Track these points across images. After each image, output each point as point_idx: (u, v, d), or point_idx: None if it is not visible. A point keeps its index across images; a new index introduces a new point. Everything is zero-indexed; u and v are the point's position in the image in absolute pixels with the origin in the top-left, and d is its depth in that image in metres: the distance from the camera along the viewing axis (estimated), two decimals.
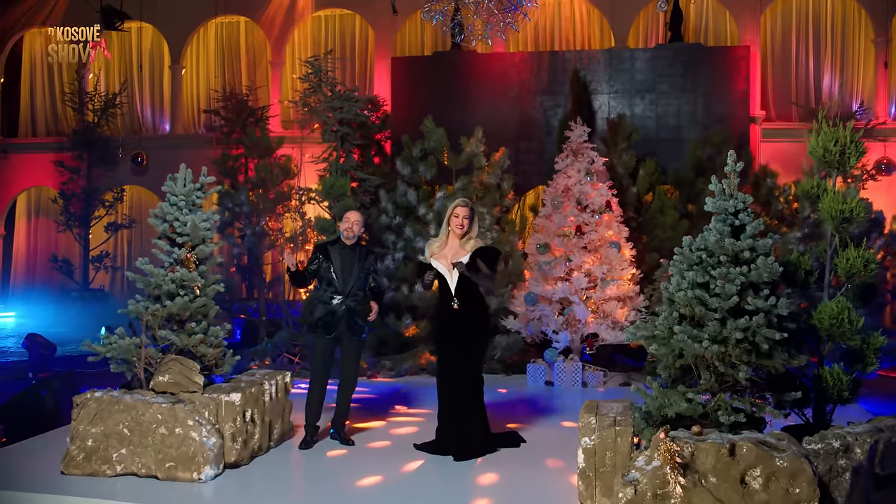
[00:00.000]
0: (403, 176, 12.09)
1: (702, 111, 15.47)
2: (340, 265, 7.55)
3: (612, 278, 11.01)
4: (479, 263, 7.31)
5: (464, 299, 7.28)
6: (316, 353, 7.62)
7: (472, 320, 7.32)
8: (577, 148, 11.46)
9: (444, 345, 7.48)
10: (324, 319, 7.53)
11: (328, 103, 12.87)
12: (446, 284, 7.35)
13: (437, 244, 7.49)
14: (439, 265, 7.37)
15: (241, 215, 12.67)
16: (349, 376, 7.69)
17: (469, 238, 7.35)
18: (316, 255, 7.62)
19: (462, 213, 7.31)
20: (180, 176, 7.44)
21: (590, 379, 10.95)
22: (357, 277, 7.58)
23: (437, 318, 7.57)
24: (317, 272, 7.58)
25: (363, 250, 7.69)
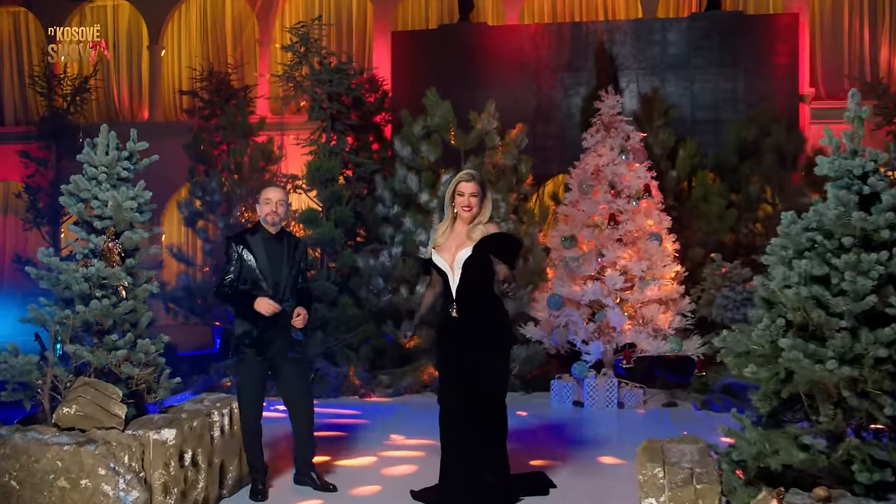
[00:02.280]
0: (403, 158, 10.28)
1: (743, 88, 13.59)
2: (267, 260, 5.77)
3: (652, 277, 9.16)
4: (493, 259, 5.53)
5: (467, 305, 5.49)
6: (243, 381, 5.83)
7: (478, 333, 5.51)
8: (610, 121, 9.63)
9: (441, 365, 5.70)
10: (251, 334, 5.71)
11: (316, 76, 11.08)
12: (447, 286, 5.58)
13: (440, 231, 5.70)
14: (440, 260, 5.58)
15: (214, 205, 10.88)
16: (301, 405, 5.93)
17: (478, 223, 5.54)
18: (232, 248, 5.80)
19: (468, 188, 5.52)
20: (101, 141, 5.64)
21: (627, 398, 9.11)
22: (288, 276, 5.83)
23: (436, 331, 5.83)
24: (238, 273, 5.77)
25: (291, 240, 5.97)
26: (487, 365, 5.50)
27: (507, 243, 5.58)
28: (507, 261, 5.47)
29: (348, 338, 9.92)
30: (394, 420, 8.41)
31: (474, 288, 5.52)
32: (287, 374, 5.81)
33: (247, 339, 5.67)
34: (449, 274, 5.53)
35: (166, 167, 14.95)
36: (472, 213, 5.53)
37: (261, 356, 5.66)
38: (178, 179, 13.69)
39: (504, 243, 5.56)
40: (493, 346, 5.57)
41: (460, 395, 5.50)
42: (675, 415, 8.74)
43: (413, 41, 14.74)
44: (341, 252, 10.17)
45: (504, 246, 5.54)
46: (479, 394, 5.46)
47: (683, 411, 8.92)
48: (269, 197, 5.79)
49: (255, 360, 5.67)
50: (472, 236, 5.51)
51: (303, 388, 5.89)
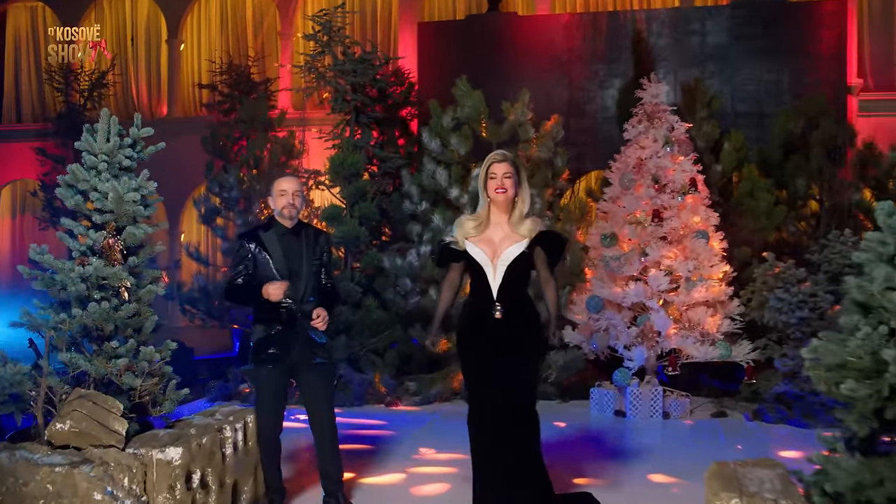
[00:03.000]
0: (431, 151, 9.68)
1: (787, 80, 12.90)
2: (284, 258, 5.18)
3: (699, 277, 8.52)
4: (536, 256, 4.98)
5: (510, 306, 4.91)
6: (261, 390, 5.24)
7: (520, 337, 4.95)
8: (653, 111, 9.00)
9: (478, 372, 5.07)
10: (269, 340, 5.14)
11: (340, 67, 10.52)
12: (484, 283, 4.97)
13: (472, 223, 5.10)
14: (478, 252, 4.98)
15: (232, 202, 10.35)
16: (323, 419, 5.30)
17: (523, 215, 4.97)
18: (243, 247, 5.22)
19: (500, 170, 4.94)
20: (101, 126, 5.09)
21: (672, 408, 8.49)
22: (309, 273, 5.22)
23: (466, 333, 5.11)
24: (250, 273, 5.20)
25: (311, 233, 5.36)
26: (526, 372, 4.97)
27: (554, 241, 5.03)
28: (552, 260, 4.98)
29: (373, 342, 9.35)
30: (423, 431, 7.82)
31: (517, 287, 4.96)
32: (308, 381, 5.24)
33: (264, 343, 5.11)
34: (488, 269, 4.95)
35: (185, 164, 14.63)
36: (508, 197, 4.96)
37: (279, 362, 5.09)
38: (197, 177, 13.18)
39: (551, 241, 5.01)
40: (533, 352, 5.03)
41: (498, 404, 4.93)
42: (726, 426, 8.11)
43: (440, 32, 14.17)
44: (366, 251, 9.60)
45: (551, 244, 5.00)
46: (517, 402, 4.90)
47: (734, 422, 8.28)
48: (285, 188, 5.22)
49: (273, 366, 5.10)
50: (521, 231, 4.95)
51: (324, 397, 5.31)
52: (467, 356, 5.13)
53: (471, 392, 5.15)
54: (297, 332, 5.11)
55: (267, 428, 5.20)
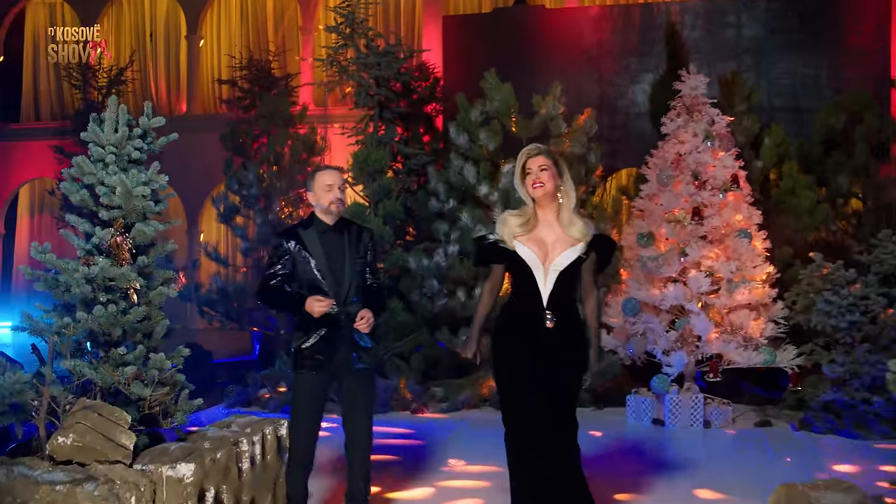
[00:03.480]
0: (459, 147, 9.28)
1: (826, 74, 12.40)
2: (326, 257, 4.79)
3: (742, 279, 8.08)
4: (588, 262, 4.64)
5: (562, 314, 4.53)
6: (300, 398, 4.82)
7: (570, 347, 4.56)
8: (693, 104, 8.55)
9: (519, 380, 4.64)
10: (312, 345, 4.75)
11: (363, 60, 10.14)
12: (532, 287, 4.55)
13: (519, 220, 4.67)
14: (528, 253, 4.58)
15: (252, 200, 9.99)
16: (360, 427, 4.87)
17: (572, 213, 4.56)
18: (282, 245, 4.83)
19: (535, 163, 4.52)
20: (109, 115, 4.73)
21: (713, 416, 8.06)
22: (353, 272, 4.83)
23: (507, 339, 4.68)
24: (288, 273, 4.81)
25: (353, 230, 4.95)
26: (570, 381, 4.59)
27: (607, 247, 4.67)
28: (600, 267, 4.64)
29: (398, 346, 8.96)
30: (451, 441, 7.42)
31: (568, 295, 4.58)
32: (349, 387, 4.85)
33: (306, 347, 4.74)
34: (538, 273, 4.55)
35: (205, 162, 14.30)
36: (546, 191, 4.53)
37: (322, 368, 4.72)
38: (216, 175, 12.85)
39: (605, 246, 4.65)
40: (580, 361, 4.65)
41: (539, 413, 4.54)
42: (771, 436, 7.66)
43: (466, 26, 13.75)
44: (391, 251, 9.20)
45: (604, 250, 4.64)
46: (559, 409, 4.51)
47: (779, 432, 7.83)
48: (331, 182, 4.82)
49: (315, 372, 4.73)
50: (574, 234, 4.55)
51: (364, 406, 4.90)
52: (506, 363, 4.72)
53: (509, 401, 4.74)
54: (341, 335, 4.74)
55: (303, 439, 4.80)
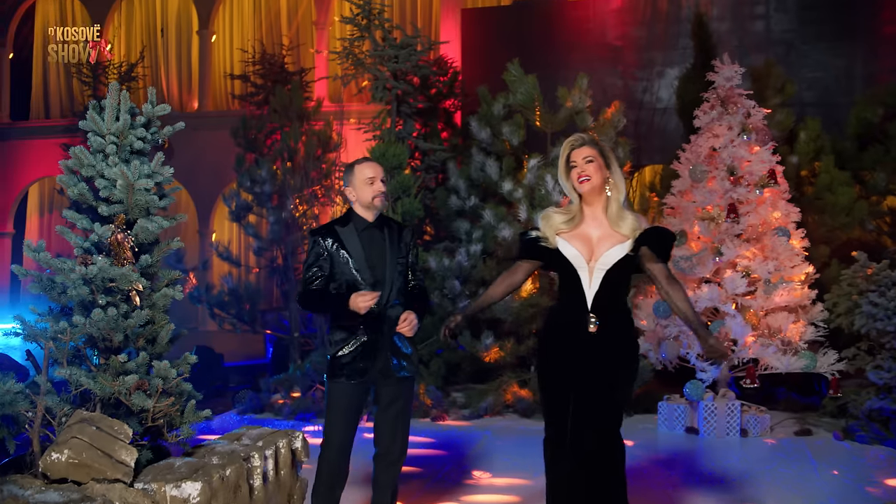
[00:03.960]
0: (481, 141, 8.88)
1: (860, 66, 11.97)
2: (365, 255, 4.43)
3: (780, 279, 7.65)
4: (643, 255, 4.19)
5: (608, 318, 4.15)
6: (335, 411, 4.43)
7: (617, 355, 4.19)
8: (728, 96, 8.13)
9: (561, 392, 4.25)
10: (351, 351, 4.39)
11: (380, 52, 9.76)
12: (577, 289, 4.19)
13: (563, 216, 4.29)
14: (572, 251, 4.20)
15: (264, 197, 9.60)
16: (397, 440, 4.51)
17: (621, 207, 4.18)
18: (318, 244, 4.48)
19: (580, 155, 4.16)
20: (109, 102, 4.36)
21: (751, 424, 7.63)
22: (394, 273, 4.46)
23: (550, 346, 4.31)
24: (326, 275, 4.47)
25: (394, 228, 4.58)
26: (617, 394, 4.20)
27: (662, 237, 4.22)
28: (662, 258, 4.15)
29: (418, 349, 8.54)
30: (475, 452, 7.01)
31: (616, 296, 4.18)
32: (389, 397, 4.46)
33: (344, 354, 4.38)
34: (582, 273, 4.16)
35: (216, 160, 13.92)
36: (593, 185, 4.15)
37: (361, 376, 4.36)
38: (228, 174, 12.49)
39: (659, 238, 4.20)
40: (627, 373, 4.25)
41: (582, 428, 4.16)
42: (813, 446, 7.23)
43: (484, 19, 13.39)
44: None
45: (659, 241, 4.18)
46: (604, 427, 4.14)
47: (821, 441, 7.40)
48: (373, 174, 4.46)
49: (354, 381, 4.36)
50: (622, 230, 4.15)
51: (403, 418, 4.52)
52: (549, 372, 4.33)
53: (550, 413, 4.35)
54: (383, 340, 4.38)
55: (336, 455, 4.42)
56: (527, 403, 8.10)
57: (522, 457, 6.70)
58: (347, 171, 4.54)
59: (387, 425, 4.46)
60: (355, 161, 4.61)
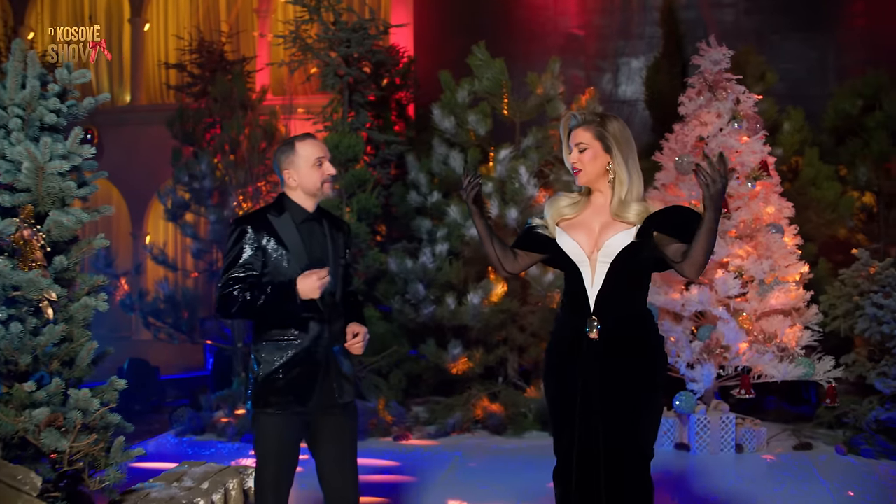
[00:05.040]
0: (444, 131, 8.09)
1: (833, 58, 11.47)
2: (305, 251, 3.67)
3: (775, 280, 7.02)
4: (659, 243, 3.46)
5: (614, 321, 3.44)
6: (268, 449, 3.62)
7: (629, 368, 3.47)
8: (716, 81, 7.47)
9: (567, 416, 3.52)
10: (285, 373, 3.59)
11: (331, 36, 8.93)
12: (579, 288, 3.52)
13: (567, 200, 3.61)
14: (570, 244, 3.54)
15: (204, 194, 8.70)
16: (347, 481, 3.73)
17: (622, 201, 3.48)
18: (246, 236, 3.64)
19: (575, 139, 3.51)
20: (12, 66, 3.49)
21: (746, 439, 6.98)
22: (337, 275, 3.72)
23: (554, 359, 3.59)
24: (255, 275, 3.63)
25: (333, 221, 3.86)
26: (637, 417, 3.46)
27: (677, 214, 3.47)
28: (682, 238, 3.36)
29: (376, 361, 7.76)
30: (447, 476, 6.21)
31: (625, 293, 3.45)
32: (333, 429, 3.68)
33: (277, 377, 3.56)
34: (584, 268, 3.47)
35: (151, 157, 12.88)
36: (588, 177, 3.50)
37: (299, 404, 3.55)
38: (164, 171, 11.53)
39: (673, 215, 3.46)
40: (646, 388, 3.50)
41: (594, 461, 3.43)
42: (817, 462, 6.57)
43: (438, 5, 12.58)
44: (366, 251, 7.99)
45: (674, 218, 3.44)
46: (624, 454, 3.42)
47: (824, 457, 6.75)
48: (322, 154, 3.68)
49: (288, 411, 3.55)
50: (628, 216, 3.43)
51: (350, 451, 3.75)
52: (553, 391, 3.61)
53: (556, 443, 3.62)
54: (325, 358, 3.58)
55: (273, 500, 3.61)
56: (498, 419, 7.35)
57: (500, 482, 5.95)
58: (285, 149, 3.72)
59: (335, 464, 3.68)
60: (295, 137, 3.76)
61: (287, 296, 3.50)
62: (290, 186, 3.73)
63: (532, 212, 7.48)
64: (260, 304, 3.52)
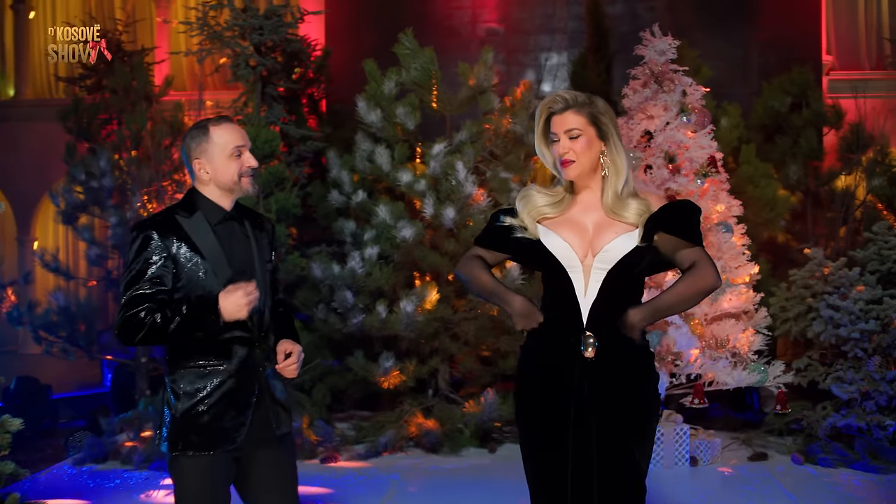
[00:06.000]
0: (370, 125, 7.47)
1: (757, 56, 11.29)
2: (225, 257, 3.05)
3: (726, 282, 6.65)
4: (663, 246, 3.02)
5: (613, 338, 2.98)
6: (189, 494, 3.01)
7: (631, 391, 3.02)
8: (662, 72, 7.07)
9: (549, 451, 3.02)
10: (216, 407, 3.01)
11: (242, 23, 8.24)
12: (568, 296, 3.02)
13: (547, 198, 3.11)
14: (560, 244, 3.05)
15: (102, 194, 7.86)
16: None
17: (618, 194, 3.04)
18: (152, 244, 3.00)
19: (563, 126, 3.02)
20: None
21: (700, 450, 6.58)
22: (265, 284, 3.15)
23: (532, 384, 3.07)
24: (165, 291, 3.01)
25: (256, 221, 3.27)
26: (635, 454, 3.01)
27: (681, 213, 3.03)
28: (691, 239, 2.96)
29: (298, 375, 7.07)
30: (387, 502, 5.63)
31: (622, 305, 2.96)
32: (269, 466, 3.10)
33: (198, 410, 2.96)
34: (575, 274, 2.99)
35: (39, 155, 11.87)
36: (581, 169, 3.02)
37: (227, 442, 2.95)
38: (55, 170, 10.58)
39: (677, 214, 3.02)
40: (649, 410, 3.07)
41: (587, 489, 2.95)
42: (778, 475, 6.21)
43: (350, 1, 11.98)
44: (286, 255, 7.32)
45: (678, 218, 3.00)
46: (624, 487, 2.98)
47: (782, 468, 6.40)
48: (241, 142, 3.08)
49: (215, 452, 2.94)
50: (626, 216, 2.97)
51: (291, 491, 3.17)
52: (531, 422, 3.08)
53: (534, 478, 3.10)
54: (257, 384, 2.99)
55: None
56: (434, 436, 6.78)
57: None
58: (196, 135, 3.09)
59: None
60: (208, 121, 3.12)
61: (206, 317, 2.89)
62: (201, 180, 3.11)
63: (470, 211, 6.95)
64: (173, 328, 2.89)
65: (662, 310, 2.96)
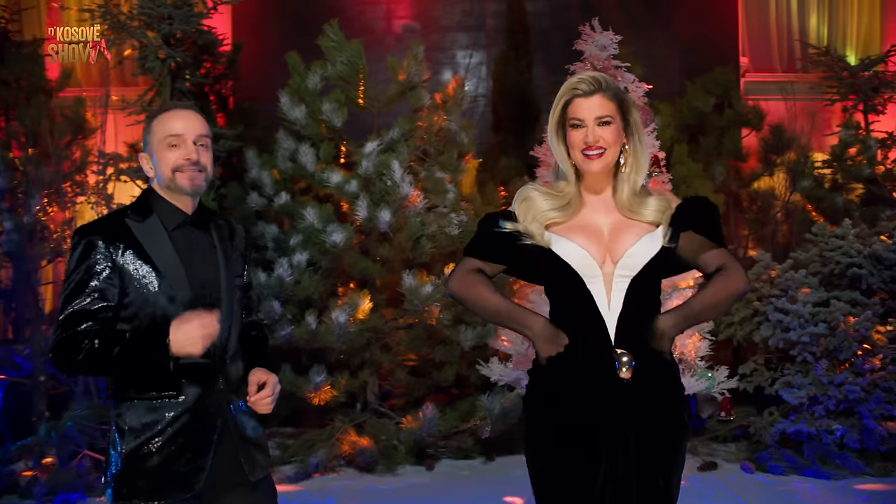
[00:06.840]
0: (293, 122, 6.96)
1: (677, 58, 11.20)
2: (184, 269, 2.56)
3: (673, 286, 6.41)
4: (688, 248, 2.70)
5: (646, 354, 2.62)
6: None
7: (670, 417, 2.67)
8: (604, 68, 6.77)
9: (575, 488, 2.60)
10: (170, 448, 2.54)
11: (150, 12, 7.63)
12: (589, 309, 2.64)
13: (553, 201, 2.72)
14: (575, 251, 2.66)
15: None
16: None
17: (636, 190, 2.74)
18: (95, 249, 2.50)
19: (592, 112, 2.64)
20: None
21: None
22: (231, 302, 2.68)
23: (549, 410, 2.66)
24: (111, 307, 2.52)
25: (223, 227, 2.81)
26: (676, 468, 2.68)
27: (703, 210, 2.74)
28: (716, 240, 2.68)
29: None
30: None
31: (647, 316, 2.63)
32: None
33: (151, 451, 2.49)
34: (594, 284, 2.62)
35: None
36: (607, 162, 2.67)
37: (185, 490, 2.47)
38: None
39: (698, 212, 2.72)
40: (684, 431, 2.72)
41: None
42: (730, 484, 5.98)
43: None
44: None
45: (700, 217, 2.70)
46: None
47: (733, 477, 6.17)
48: (182, 130, 2.62)
49: (173, 500, 2.47)
50: (645, 215, 2.63)
51: None
52: (551, 456, 2.67)
53: None
54: (222, 420, 2.52)
55: None
56: (368, 455, 6.32)
57: None
58: (145, 126, 2.67)
59: None
60: (160, 107, 2.69)
61: (152, 352, 2.42)
62: (150, 178, 2.63)
63: (406, 213, 6.51)
64: (115, 355, 2.43)
65: (692, 317, 2.61)
